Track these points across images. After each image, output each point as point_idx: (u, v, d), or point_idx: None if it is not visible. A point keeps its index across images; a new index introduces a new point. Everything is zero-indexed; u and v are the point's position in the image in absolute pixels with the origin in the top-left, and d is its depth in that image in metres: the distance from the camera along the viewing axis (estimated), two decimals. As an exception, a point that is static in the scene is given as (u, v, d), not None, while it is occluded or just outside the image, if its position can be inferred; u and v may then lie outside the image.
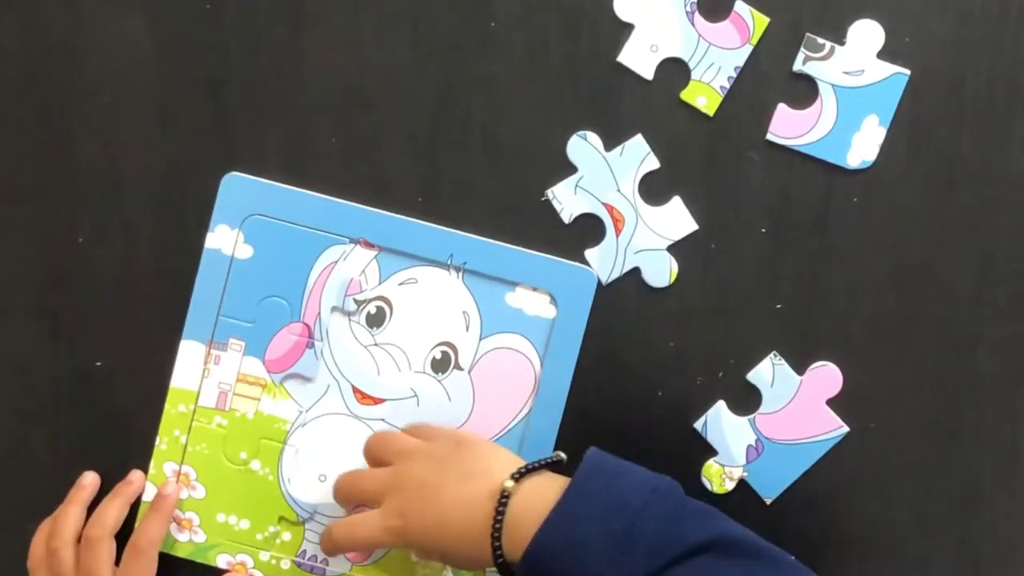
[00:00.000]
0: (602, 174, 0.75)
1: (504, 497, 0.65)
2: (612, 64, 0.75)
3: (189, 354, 0.76)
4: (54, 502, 0.76)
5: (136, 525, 0.76)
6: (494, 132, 0.76)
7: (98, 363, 0.77)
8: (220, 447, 0.77)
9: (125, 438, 0.78)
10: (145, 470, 0.77)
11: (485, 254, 0.75)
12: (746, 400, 0.76)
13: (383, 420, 0.77)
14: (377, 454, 0.72)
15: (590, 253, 0.76)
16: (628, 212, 0.76)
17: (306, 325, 0.76)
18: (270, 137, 0.76)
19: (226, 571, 0.77)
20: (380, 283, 0.76)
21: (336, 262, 0.76)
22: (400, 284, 0.76)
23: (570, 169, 0.76)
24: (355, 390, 0.77)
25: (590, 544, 0.62)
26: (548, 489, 0.65)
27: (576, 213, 0.76)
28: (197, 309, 0.76)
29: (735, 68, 0.74)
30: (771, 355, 0.76)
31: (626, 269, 0.76)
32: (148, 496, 0.77)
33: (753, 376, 0.76)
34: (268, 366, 0.76)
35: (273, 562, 0.77)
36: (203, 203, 0.76)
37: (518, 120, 0.75)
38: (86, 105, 0.76)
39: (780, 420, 0.76)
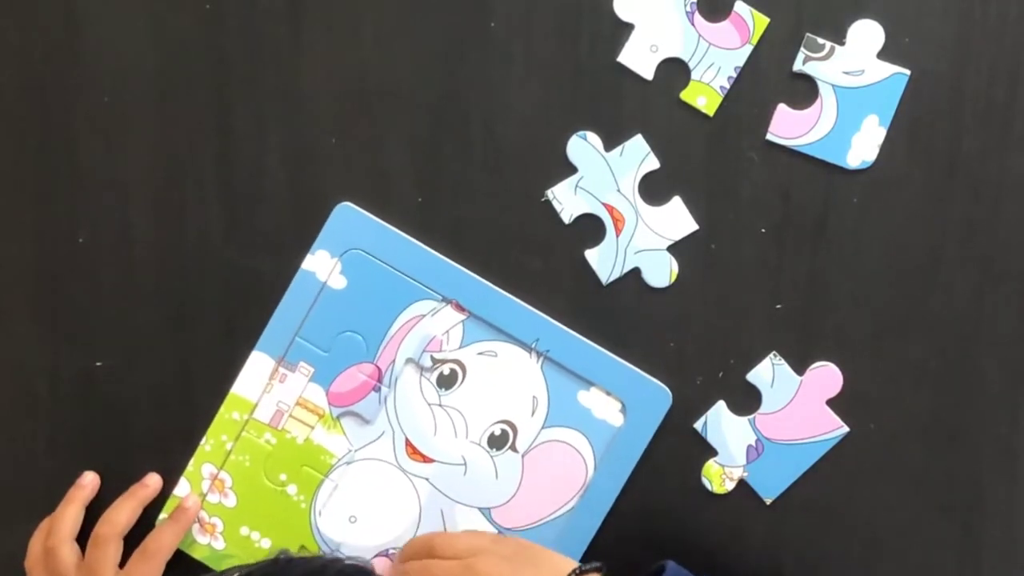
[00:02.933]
0: (602, 174, 0.75)
1: None
2: (612, 64, 0.75)
3: (257, 365, 0.76)
4: (54, 502, 0.76)
5: (153, 531, 0.76)
6: (494, 132, 0.76)
7: (98, 363, 0.77)
8: (262, 463, 0.77)
9: (125, 438, 0.78)
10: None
11: (570, 347, 0.75)
12: (746, 400, 0.76)
13: (427, 480, 0.77)
14: (442, 551, 0.72)
15: (590, 253, 0.76)
16: (628, 212, 0.76)
17: (378, 368, 0.76)
18: (270, 137, 0.76)
19: None
20: (460, 347, 0.76)
21: (423, 316, 0.76)
22: (479, 353, 0.76)
23: (570, 169, 0.76)
24: (408, 443, 0.76)
25: None
26: None
27: (576, 213, 0.76)
28: (276, 324, 0.76)
29: (735, 68, 0.74)
30: (771, 355, 0.76)
31: (626, 269, 0.76)
32: (180, 491, 0.77)
33: (753, 376, 0.76)
34: (330, 398, 0.76)
35: None
36: (203, 202, 0.76)
37: (518, 120, 0.75)
38: (86, 105, 0.76)
39: (780, 420, 0.76)
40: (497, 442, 0.76)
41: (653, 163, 0.75)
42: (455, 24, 0.75)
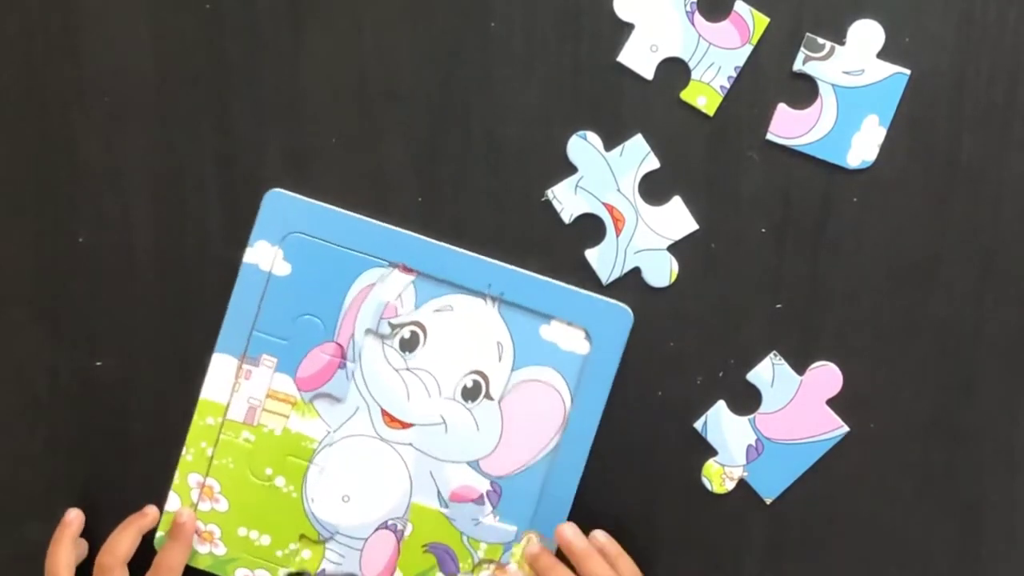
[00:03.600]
0: (602, 174, 0.75)
1: None
2: (612, 64, 0.75)
3: (221, 367, 0.76)
4: (54, 502, 0.77)
5: (160, 552, 0.76)
6: (494, 132, 0.76)
7: (98, 363, 0.78)
8: (246, 462, 0.77)
9: (124, 439, 0.78)
10: (145, 470, 0.77)
11: (523, 286, 0.75)
12: (746, 400, 0.76)
13: (410, 445, 0.77)
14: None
15: (590, 253, 0.76)
16: (628, 212, 0.76)
17: (339, 345, 0.76)
18: (270, 137, 0.76)
19: None
20: (416, 308, 0.76)
21: (373, 284, 0.75)
22: (436, 310, 0.76)
23: (570, 169, 0.76)
24: (384, 413, 0.76)
25: None
26: None
27: (576, 213, 0.76)
28: (231, 323, 0.76)
29: (735, 68, 0.74)
30: (771, 355, 0.76)
31: (626, 269, 0.76)
32: (171, 506, 0.77)
33: (753, 376, 0.76)
34: (299, 384, 0.76)
35: None
36: (203, 202, 0.76)
37: (518, 120, 0.75)
38: (86, 105, 0.76)
39: (780, 420, 0.76)
40: (471, 394, 0.76)
41: (653, 163, 0.75)
42: (455, 24, 0.75)
